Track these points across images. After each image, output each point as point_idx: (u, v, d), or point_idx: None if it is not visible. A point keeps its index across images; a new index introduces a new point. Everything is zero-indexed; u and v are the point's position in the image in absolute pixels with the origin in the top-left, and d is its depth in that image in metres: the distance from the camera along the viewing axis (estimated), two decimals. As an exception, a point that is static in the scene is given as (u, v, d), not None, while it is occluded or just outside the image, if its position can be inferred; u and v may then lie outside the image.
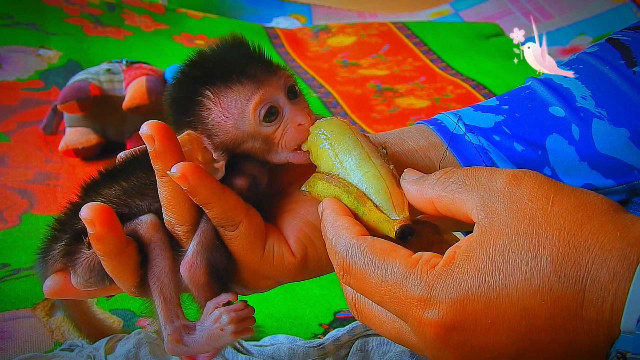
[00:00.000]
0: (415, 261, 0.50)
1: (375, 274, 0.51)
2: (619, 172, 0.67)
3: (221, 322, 0.61)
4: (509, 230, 0.48)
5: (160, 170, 0.59)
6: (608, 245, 0.46)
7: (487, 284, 0.47)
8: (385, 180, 0.56)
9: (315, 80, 1.92)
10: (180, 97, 0.61)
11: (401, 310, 0.50)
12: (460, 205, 0.52)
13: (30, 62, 1.79)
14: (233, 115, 0.60)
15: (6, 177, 1.33)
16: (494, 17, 2.35)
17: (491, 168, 0.53)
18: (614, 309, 0.45)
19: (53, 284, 0.66)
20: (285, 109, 0.60)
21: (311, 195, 0.59)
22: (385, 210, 0.55)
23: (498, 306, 0.47)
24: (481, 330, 0.48)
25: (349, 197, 0.56)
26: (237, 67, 0.60)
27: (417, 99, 1.83)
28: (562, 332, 0.47)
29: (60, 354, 0.80)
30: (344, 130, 0.59)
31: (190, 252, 0.61)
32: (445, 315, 0.48)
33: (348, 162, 0.57)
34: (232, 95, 0.59)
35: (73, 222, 0.65)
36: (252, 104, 0.59)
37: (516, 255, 0.47)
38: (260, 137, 0.60)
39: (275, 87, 0.60)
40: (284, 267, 0.62)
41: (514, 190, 0.50)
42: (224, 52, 0.61)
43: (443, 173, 0.54)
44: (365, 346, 0.79)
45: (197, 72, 0.61)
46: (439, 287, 0.48)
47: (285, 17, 2.47)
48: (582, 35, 2.19)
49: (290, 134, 0.60)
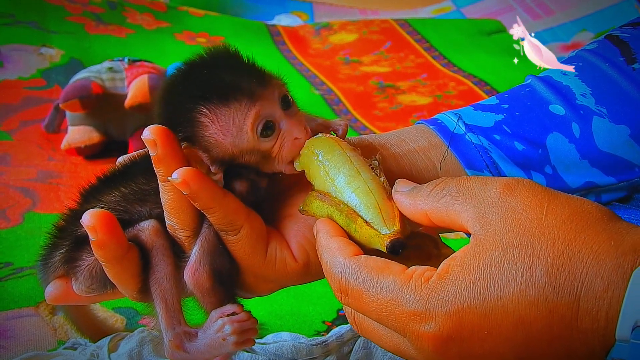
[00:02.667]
0: (409, 276, 0.50)
1: (371, 292, 0.51)
2: (619, 169, 0.67)
3: (224, 332, 0.61)
4: (504, 242, 0.48)
5: (162, 175, 0.59)
6: (602, 254, 0.46)
7: (482, 296, 0.47)
8: (375, 194, 0.56)
9: (317, 78, 1.92)
10: (174, 112, 0.60)
11: (399, 325, 0.50)
12: (455, 216, 0.52)
13: (32, 60, 1.79)
14: (231, 133, 0.59)
15: (9, 175, 1.33)
16: (495, 14, 2.35)
17: (484, 177, 0.53)
18: (609, 317, 0.45)
19: (55, 291, 0.66)
20: (281, 122, 0.59)
21: (308, 213, 0.59)
22: (376, 226, 0.55)
23: (494, 317, 0.47)
24: (478, 341, 0.48)
25: (340, 215, 0.57)
26: (234, 83, 0.58)
27: (419, 95, 1.83)
28: (558, 342, 0.47)
29: (63, 353, 0.80)
30: (333, 148, 0.59)
31: (193, 257, 0.61)
32: (441, 327, 0.48)
33: (338, 180, 0.57)
34: (229, 113, 0.58)
35: (73, 229, 0.65)
36: (250, 121, 0.58)
37: (511, 267, 0.47)
38: (258, 152, 0.60)
39: (270, 100, 0.59)
40: (286, 272, 0.62)
41: (508, 200, 0.50)
42: (219, 67, 0.60)
43: (436, 185, 0.54)
44: (368, 343, 0.79)
45: (192, 88, 0.59)
46: (433, 300, 0.48)
47: (286, 14, 2.47)
48: (584, 32, 2.18)
49: (288, 148, 0.59)
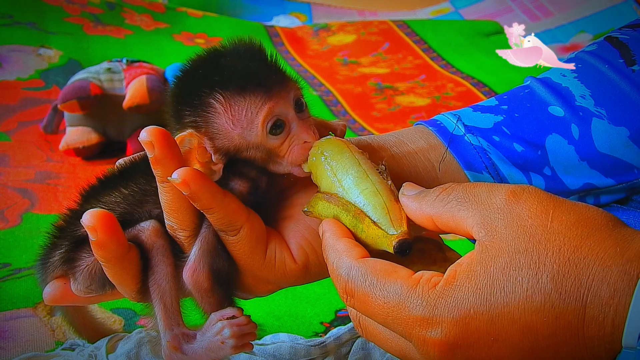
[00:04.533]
0: (416, 281, 0.50)
1: (377, 295, 0.51)
2: (618, 171, 0.67)
3: (223, 335, 0.61)
4: (510, 248, 0.48)
5: (160, 176, 0.59)
6: (608, 261, 0.46)
7: (488, 302, 0.47)
8: (383, 196, 0.56)
9: (315, 79, 1.92)
10: (189, 94, 0.60)
11: (404, 330, 0.50)
12: (460, 222, 0.52)
13: (30, 61, 1.79)
14: (241, 124, 0.59)
15: (7, 176, 1.33)
16: (494, 15, 2.35)
17: (490, 184, 0.53)
18: (615, 324, 0.45)
19: (53, 291, 0.66)
20: (292, 124, 0.60)
21: (313, 215, 0.60)
22: (383, 226, 0.55)
23: (500, 324, 0.47)
24: (484, 347, 0.48)
25: (347, 216, 0.57)
26: (253, 76, 0.59)
27: (418, 97, 1.83)
28: (565, 349, 0.47)
29: (61, 354, 0.80)
30: (341, 149, 0.59)
31: (193, 258, 0.61)
32: (448, 333, 0.48)
33: (346, 181, 0.57)
34: (244, 104, 0.59)
35: (73, 229, 0.65)
36: (262, 116, 0.59)
37: (517, 273, 0.47)
38: (264, 148, 0.60)
39: (286, 100, 0.60)
40: (285, 273, 0.62)
41: (513, 206, 0.50)
42: (241, 58, 0.60)
43: (442, 190, 0.54)
44: (366, 344, 0.79)
45: (212, 74, 0.60)
46: (440, 306, 0.48)
47: (285, 15, 2.47)
48: (583, 33, 2.19)
49: (297, 151, 0.60)
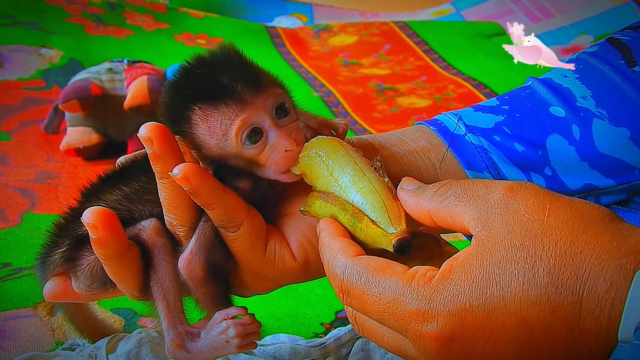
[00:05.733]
0: (411, 276, 0.50)
1: (373, 292, 0.51)
2: (619, 171, 0.67)
3: (227, 334, 0.61)
4: (506, 242, 0.48)
5: (159, 172, 0.59)
6: (604, 255, 0.46)
7: (484, 296, 0.47)
8: (381, 194, 0.56)
9: (316, 80, 1.92)
10: (170, 107, 0.61)
11: (401, 325, 0.50)
12: (457, 217, 0.52)
13: (31, 61, 1.79)
14: (217, 136, 0.59)
15: (7, 176, 1.33)
16: (495, 17, 2.35)
17: (488, 180, 0.53)
18: (612, 318, 0.45)
19: (53, 288, 0.66)
20: (270, 132, 0.59)
21: (310, 214, 0.59)
22: (382, 225, 0.55)
23: (496, 317, 0.47)
24: (480, 341, 0.48)
25: (345, 215, 0.56)
26: (226, 87, 0.58)
27: (419, 98, 1.83)
28: (561, 342, 0.47)
29: (61, 353, 0.80)
30: (336, 148, 0.59)
31: (189, 248, 0.61)
32: (444, 327, 0.48)
33: (343, 180, 0.57)
34: (217, 115, 0.58)
35: (74, 228, 0.65)
36: (235, 127, 0.58)
37: (513, 267, 0.47)
38: (243, 158, 0.60)
39: (261, 108, 0.59)
40: (284, 270, 0.62)
41: (510, 202, 0.50)
42: (216, 69, 0.59)
43: (441, 185, 0.54)
44: (367, 345, 0.79)
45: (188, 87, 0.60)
46: (436, 300, 0.48)
47: (286, 16, 2.47)
48: (584, 35, 2.19)
49: (278, 161, 0.59)
